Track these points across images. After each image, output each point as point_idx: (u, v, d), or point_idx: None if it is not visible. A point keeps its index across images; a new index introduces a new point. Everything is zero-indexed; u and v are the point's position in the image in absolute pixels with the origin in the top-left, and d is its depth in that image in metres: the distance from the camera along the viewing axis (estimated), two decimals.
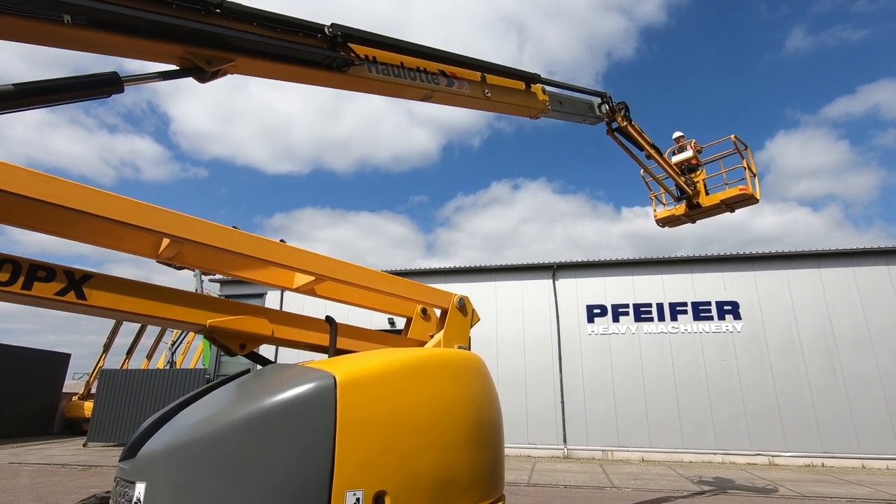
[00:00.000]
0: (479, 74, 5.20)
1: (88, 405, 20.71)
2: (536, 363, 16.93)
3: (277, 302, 18.53)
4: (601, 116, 7.31)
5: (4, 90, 2.54)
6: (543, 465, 14.38)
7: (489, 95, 5.31)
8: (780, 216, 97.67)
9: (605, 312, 17.06)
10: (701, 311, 16.33)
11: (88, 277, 2.76)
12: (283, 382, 2.54)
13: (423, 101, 4.83)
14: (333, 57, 3.85)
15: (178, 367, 23.39)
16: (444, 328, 3.98)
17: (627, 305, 16.94)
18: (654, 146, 8.33)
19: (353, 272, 3.62)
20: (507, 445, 8.77)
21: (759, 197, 9.23)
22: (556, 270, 17.87)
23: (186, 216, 2.91)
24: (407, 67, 4.49)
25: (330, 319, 3.58)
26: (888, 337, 14.78)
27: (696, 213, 9.53)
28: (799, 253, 16.17)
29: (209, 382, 3.93)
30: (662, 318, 16.55)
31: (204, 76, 3.32)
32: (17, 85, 2.59)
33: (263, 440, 2.31)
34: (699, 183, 9.46)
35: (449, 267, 19.13)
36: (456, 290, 4.27)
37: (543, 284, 17.82)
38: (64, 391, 23.74)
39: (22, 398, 21.21)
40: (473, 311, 4.22)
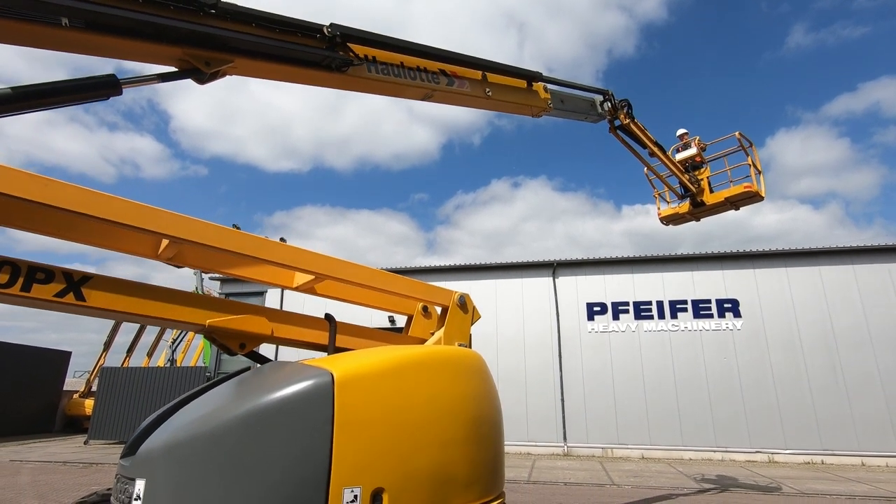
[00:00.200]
0: (479, 73, 5.16)
1: (89, 403, 20.76)
2: (536, 361, 16.95)
3: (278, 300, 18.53)
4: (603, 114, 7.23)
5: (2, 94, 2.53)
6: (543, 462, 14.41)
7: (490, 94, 5.27)
8: (780, 214, 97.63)
9: (605, 310, 17.06)
10: (701, 308, 16.33)
11: (87, 279, 2.76)
12: (281, 380, 2.55)
13: (423, 100, 4.80)
14: (332, 57, 3.82)
15: (178, 365, 23.44)
16: (444, 326, 3.97)
17: (627, 303, 16.94)
18: (657, 144, 8.24)
19: (353, 271, 3.61)
20: (507, 443, 8.78)
21: (764, 194, 9.16)
22: (556, 268, 17.87)
23: (185, 216, 2.90)
24: (407, 67, 4.45)
25: (329, 317, 3.59)
26: (888, 335, 14.78)
27: (700, 211, 9.47)
28: (799, 251, 16.16)
29: (209, 380, 3.93)
30: (662, 315, 16.55)
31: (203, 78, 3.31)
32: (14, 88, 2.58)
33: (261, 437, 2.32)
34: (703, 181, 9.39)
35: (449, 265, 19.12)
36: (456, 288, 4.26)
37: (544, 282, 17.83)
38: (65, 389, 23.80)
39: (23, 396, 21.26)
40: (474, 308, 4.20)
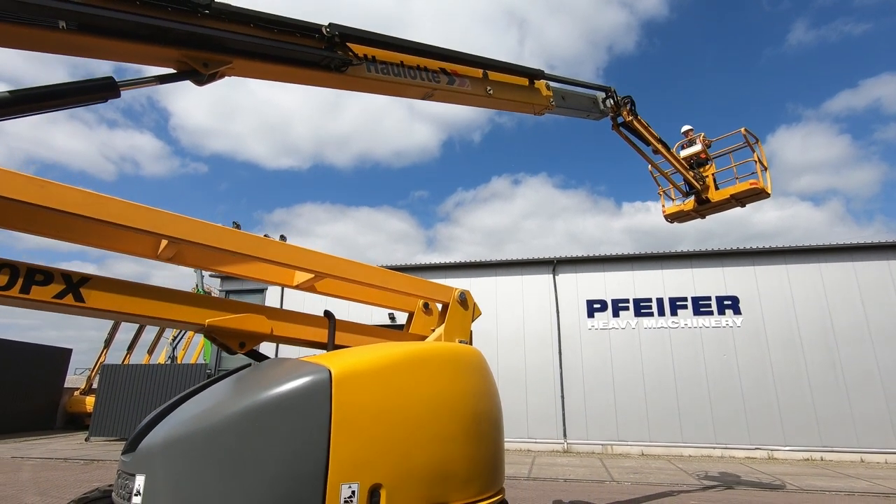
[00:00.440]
0: (481, 71, 5.12)
1: (90, 400, 20.82)
2: (537, 357, 16.97)
3: (278, 297, 18.55)
4: (606, 111, 7.14)
5: (1, 98, 2.52)
6: (543, 459, 14.45)
7: (492, 93, 5.21)
8: (781, 211, 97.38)
9: (605, 307, 17.07)
10: (701, 305, 16.34)
11: (86, 280, 2.75)
12: (279, 376, 2.56)
13: (423, 99, 4.76)
14: (331, 57, 3.79)
15: (178, 362, 23.48)
16: (445, 322, 3.95)
17: (627, 300, 16.95)
18: (661, 141, 8.13)
19: (353, 269, 3.60)
20: (507, 439, 8.80)
21: (770, 191, 9.03)
22: (556, 265, 17.87)
23: (183, 217, 2.89)
24: (407, 66, 4.41)
25: (328, 314, 3.58)
26: (888, 332, 14.79)
27: (705, 208, 9.35)
28: (799, 248, 16.15)
29: (210, 378, 3.94)
30: (662, 312, 16.56)
31: (201, 79, 3.29)
32: (12, 92, 2.57)
33: (260, 433, 2.33)
34: (708, 177, 9.24)
35: (449, 262, 19.10)
36: (456, 285, 4.24)
37: (544, 279, 17.83)
38: (66, 386, 23.88)
39: (24, 393, 21.34)
40: (475, 304, 4.18)
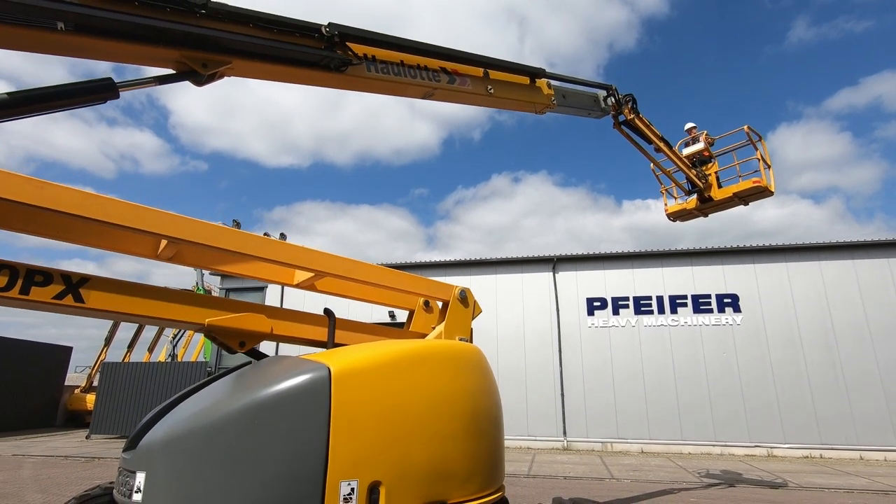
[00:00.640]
0: (481, 70, 5.09)
1: (91, 398, 20.84)
2: (536, 355, 16.99)
3: (278, 295, 18.55)
4: (607, 110, 7.09)
5: (0, 100, 2.52)
6: (543, 456, 14.47)
7: (492, 92, 5.18)
8: (781, 209, 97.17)
9: (605, 305, 17.08)
10: (701, 304, 16.35)
11: (85, 280, 2.75)
12: (278, 374, 2.57)
13: (424, 98, 4.73)
14: (331, 57, 3.77)
15: (179, 360, 23.49)
16: (445, 320, 3.95)
17: (627, 298, 16.95)
18: (663, 139, 8.07)
19: (353, 268, 3.59)
20: (507, 437, 8.80)
21: (773, 189, 8.93)
22: (556, 263, 17.87)
23: (183, 217, 2.88)
24: (407, 65, 4.39)
25: (328, 312, 3.58)
26: (888, 330, 14.79)
27: (708, 206, 9.28)
28: (799, 246, 16.15)
29: (210, 375, 3.96)
30: (662, 310, 16.57)
31: (200, 79, 3.27)
32: (11, 94, 2.57)
33: (259, 431, 2.34)
34: (711, 176, 9.17)
35: (449, 260, 19.13)
36: (457, 283, 4.24)
37: (544, 277, 17.84)
38: (66, 384, 23.90)
39: (25, 391, 21.36)
40: (475, 302, 4.18)
